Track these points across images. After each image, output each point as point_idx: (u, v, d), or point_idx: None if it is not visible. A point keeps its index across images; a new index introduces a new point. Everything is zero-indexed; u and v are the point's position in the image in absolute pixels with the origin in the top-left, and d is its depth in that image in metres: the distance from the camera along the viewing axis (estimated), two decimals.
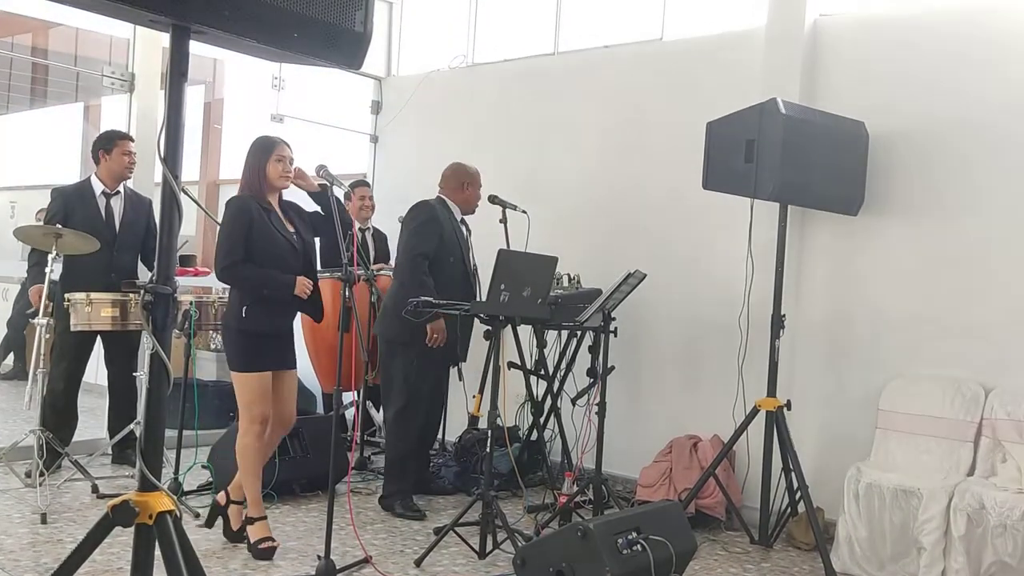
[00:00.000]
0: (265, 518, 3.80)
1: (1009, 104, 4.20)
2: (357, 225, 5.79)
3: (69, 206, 4.82)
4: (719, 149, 4.28)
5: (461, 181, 4.71)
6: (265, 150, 3.76)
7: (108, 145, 4.89)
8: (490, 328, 3.90)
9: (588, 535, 3.05)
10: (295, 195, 3.99)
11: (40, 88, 10.12)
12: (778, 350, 4.32)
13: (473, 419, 5.10)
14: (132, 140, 4.99)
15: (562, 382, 5.06)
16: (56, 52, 8.65)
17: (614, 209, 5.51)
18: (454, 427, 5.40)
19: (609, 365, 4.47)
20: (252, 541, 3.74)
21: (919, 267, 4.43)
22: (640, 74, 5.46)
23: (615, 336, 4.51)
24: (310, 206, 3.96)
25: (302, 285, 3.71)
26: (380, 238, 6.02)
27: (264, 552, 3.71)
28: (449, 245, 4.56)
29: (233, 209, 3.72)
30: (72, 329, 4.53)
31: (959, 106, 4.34)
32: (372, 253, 5.89)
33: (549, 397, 5.04)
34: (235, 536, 3.85)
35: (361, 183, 5.99)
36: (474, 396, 4.69)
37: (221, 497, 3.90)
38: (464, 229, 4.74)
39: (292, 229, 3.84)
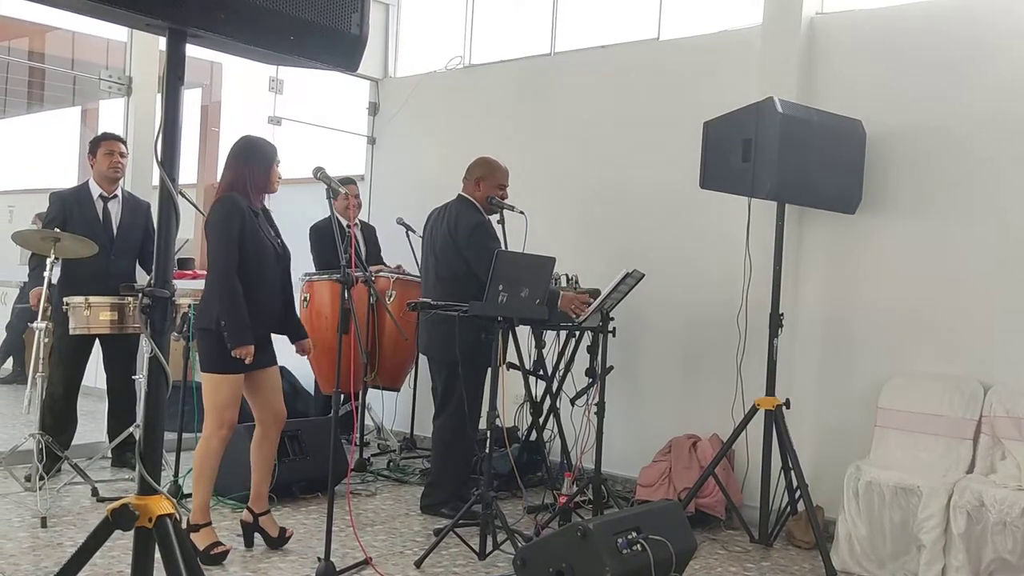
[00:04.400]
0: (211, 523, 3.71)
1: (1007, 102, 4.20)
2: (344, 223, 5.78)
3: (67, 210, 4.81)
4: (716, 148, 4.29)
5: (475, 176, 4.59)
6: (270, 157, 3.77)
7: (94, 148, 4.90)
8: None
9: (588, 535, 3.05)
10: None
11: (37, 92, 10.12)
12: (776, 349, 4.32)
13: None
14: (118, 140, 4.97)
15: (561, 382, 5.06)
16: (53, 56, 8.65)
17: (612, 209, 5.51)
18: None
19: (608, 365, 4.48)
20: (201, 548, 3.59)
21: (917, 265, 4.43)
22: (637, 74, 5.46)
23: (613, 336, 4.51)
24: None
25: (247, 353, 3.55)
26: (368, 231, 6.01)
27: (216, 557, 3.62)
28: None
29: (227, 207, 3.63)
30: (71, 333, 4.53)
31: (956, 104, 4.34)
32: (363, 249, 5.88)
33: (548, 397, 5.04)
34: (278, 543, 3.84)
35: (347, 181, 5.96)
36: None
37: (247, 516, 3.88)
38: (502, 230, 4.66)
39: (273, 233, 3.85)
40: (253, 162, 3.73)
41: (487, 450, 3.84)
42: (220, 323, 3.55)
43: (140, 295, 2.04)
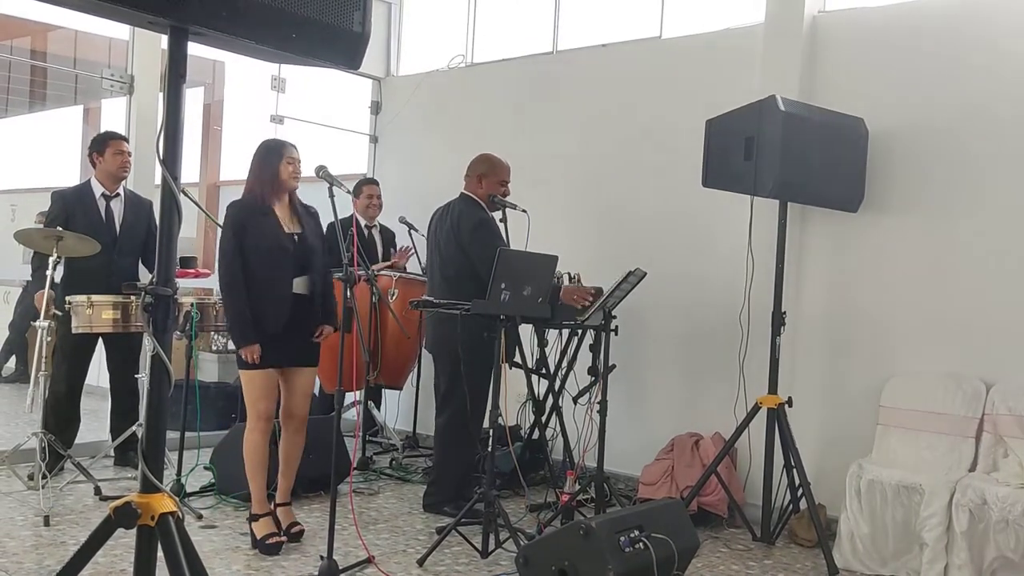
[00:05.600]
0: (270, 515, 3.87)
1: (1009, 100, 4.19)
2: (363, 222, 5.79)
3: (69, 209, 4.82)
4: (718, 147, 4.28)
5: (477, 173, 4.59)
6: (276, 153, 3.87)
7: (101, 147, 4.90)
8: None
9: (590, 533, 3.05)
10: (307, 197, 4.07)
11: (39, 91, 10.15)
12: (779, 347, 4.32)
13: None
14: (125, 140, 4.99)
15: (563, 381, 5.06)
16: (55, 55, 8.66)
17: (614, 207, 5.51)
18: None
19: (610, 363, 4.47)
20: (259, 537, 3.80)
21: (920, 263, 4.43)
22: (639, 72, 5.46)
23: (616, 334, 4.51)
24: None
25: (251, 353, 3.71)
26: (387, 235, 6.02)
27: (271, 547, 3.77)
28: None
29: (228, 215, 3.84)
30: (73, 332, 4.53)
31: (959, 102, 4.34)
32: (380, 250, 5.89)
33: (550, 396, 5.04)
34: (284, 535, 3.91)
35: (370, 181, 6.00)
36: None
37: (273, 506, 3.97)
38: (504, 228, 4.66)
39: (298, 229, 3.90)
40: (259, 164, 3.88)
41: (489, 449, 3.85)
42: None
43: (142, 294, 2.04)
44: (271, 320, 3.78)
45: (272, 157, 3.85)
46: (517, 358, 4.91)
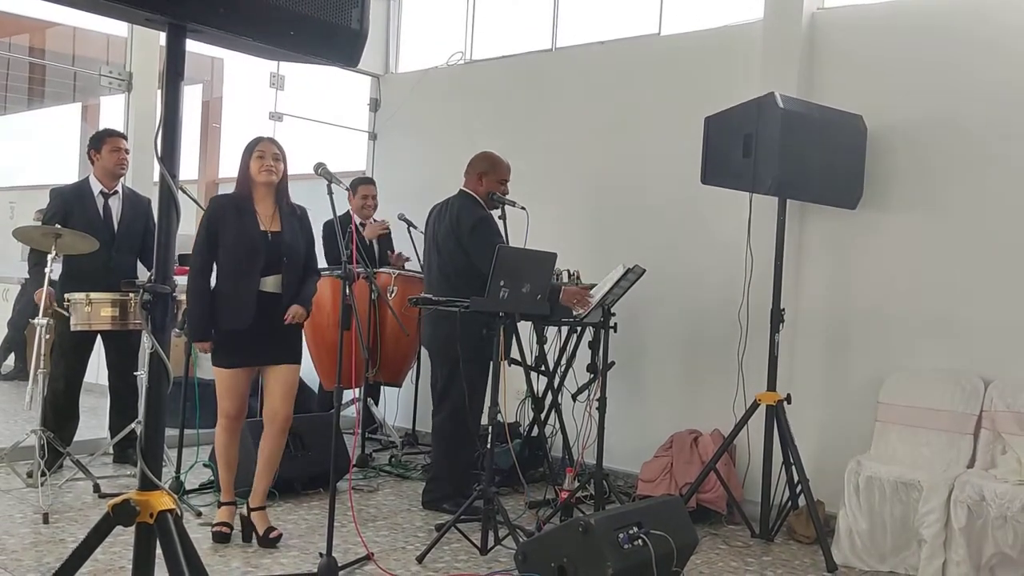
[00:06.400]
0: (232, 504, 3.93)
1: (1008, 97, 4.20)
2: (357, 220, 5.79)
3: (68, 207, 4.82)
4: (717, 144, 4.28)
5: (477, 171, 4.58)
6: (248, 149, 3.88)
7: (98, 144, 4.89)
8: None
9: (589, 530, 3.06)
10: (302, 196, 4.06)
11: (38, 88, 10.12)
12: (778, 344, 4.32)
13: None
14: (123, 137, 4.99)
15: (562, 378, 5.06)
16: (53, 52, 8.65)
17: (613, 204, 5.51)
18: None
19: (609, 361, 4.48)
20: (213, 521, 3.92)
21: (918, 260, 4.43)
22: (638, 69, 5.46)
23: (615, 332, 4.51)
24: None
25: (202, 348, 3.80)
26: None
27: (214, 535, 3.85)
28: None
29: (204, 213, 3.90)
30: (72, 329, 4.54)
31: (958, 99, 4.34)
32: (377, 249, 5.89)
33: (550, 393, 5.04)
34: (261, 540, 3.85)
35: (365, 181, 6.00)
36: None
37: (244, 510, 3.93)
38: (503, 225, 4.65)
39: (277, 228, 3.84)
40: (241, 159, 3.88)
41: (488, 446, 3.85)
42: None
43: (141, 291, 2.04)
44: (234, 317, 3.73)
45: (245, 153, 3.86)
46: (516, 355, 4.91)
